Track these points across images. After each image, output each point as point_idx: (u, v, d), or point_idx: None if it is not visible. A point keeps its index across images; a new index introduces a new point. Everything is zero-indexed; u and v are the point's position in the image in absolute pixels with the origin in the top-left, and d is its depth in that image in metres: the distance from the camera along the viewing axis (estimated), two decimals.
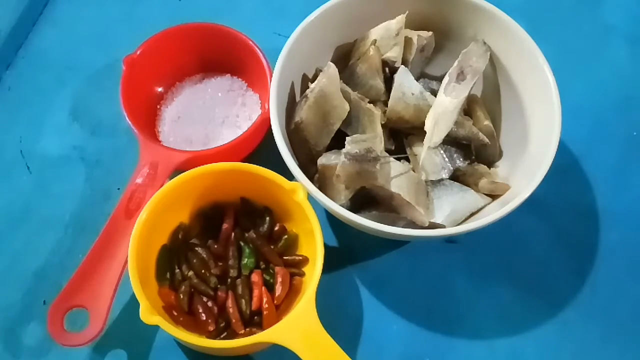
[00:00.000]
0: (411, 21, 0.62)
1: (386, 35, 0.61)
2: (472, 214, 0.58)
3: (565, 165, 0.65)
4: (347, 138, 0.56)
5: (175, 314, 0.55)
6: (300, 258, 0.58)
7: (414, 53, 0.62)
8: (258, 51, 0.64)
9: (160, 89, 0.68)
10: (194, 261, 0.57)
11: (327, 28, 0.61)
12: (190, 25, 0.66)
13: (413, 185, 0.56)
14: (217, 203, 0.60)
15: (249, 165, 0.57)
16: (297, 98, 0.61)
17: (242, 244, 0.58)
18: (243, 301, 0.56)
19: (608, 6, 0.77)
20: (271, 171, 0.56)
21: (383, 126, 0.59)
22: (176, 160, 0.59)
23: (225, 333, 0.55)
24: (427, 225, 0.56)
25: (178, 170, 0.58)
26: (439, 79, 0.62)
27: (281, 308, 0.56)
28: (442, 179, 0.58)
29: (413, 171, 0.58)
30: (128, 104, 0.61)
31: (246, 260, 0.57)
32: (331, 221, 0.63)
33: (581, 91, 0.70)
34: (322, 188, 0.56)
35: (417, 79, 0.62)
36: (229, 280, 0.57)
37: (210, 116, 0.66)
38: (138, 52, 0.63)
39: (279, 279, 0.56)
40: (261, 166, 0.57)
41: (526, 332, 0.59)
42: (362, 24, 0.62)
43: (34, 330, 0.58)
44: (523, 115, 0.60)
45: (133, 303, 0.54)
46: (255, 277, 0.57)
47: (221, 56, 0.67)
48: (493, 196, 0.59)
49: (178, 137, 0.65)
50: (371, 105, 0.60)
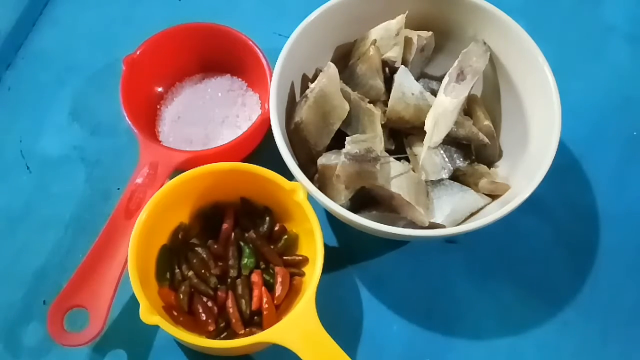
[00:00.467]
0: (411, 21, 0.62)
1: (386, 35, 0.61)
2: (472, 214, 0.58)
3: (565, 165, 0.65)
4: (347, 138, 0.56)
5: (175, 314, 0.55)
6: (300, 258, 0.58)
7: (414, 53, 0.62)
8: (258, 51, 0.64)
9: (160, 89, 0.68)
10: (194, 261, 0.57)
11: (327, 28, 0.61)
12: (190, 25, 0.66)
13: (413, 185, 0.56)
14: (217, 203, 0.60)
15: (249, 165, 0.57)
16: (297, 98, 0.61)
17: (242, 244, 0.58)
18: (243, 301, 0.56)
19: (608, 6, 0.77)
20: (271, 171, 0.56)
21: (383, 126, 0.59)
22: (176, 160, 0.59)
23: (225, 333, 0.55)
24: (427, 225, 0.56)
25: (178, 170, 0.58)
26: (439, 79, 0.62)
27: (281, 308, 0.56)
28: (442, 179, 0.58)
29: (413, 171, 0.58)
30: (128, 104, 0.61)
31: (246, 260, 0.57)
32: (331, 221, 0.63)
33: (581, 91, 0.70)
34: (322, 188, 0.56)
35: (417, 79, 0.62)
36: (229, 280, 0.57)
37: (210, 116, 0.66)
38: (138, 52, 0.63)
39: (279, 279, 0.56)
40: (261, 166, 0.57)
41: (526, 332, 0.59)
42: (362, 24, 0.62)
43: (34, 330, 0.57)
44: (523, 115, 0.60)
45: (133, 303, 0.54)
46: (255, 277, 0.57)
47: (221, 56, 0.67)
48: (493, 196, 0.59)
49: (178, 137, 0.65)
50: (371, 105, 0.60)
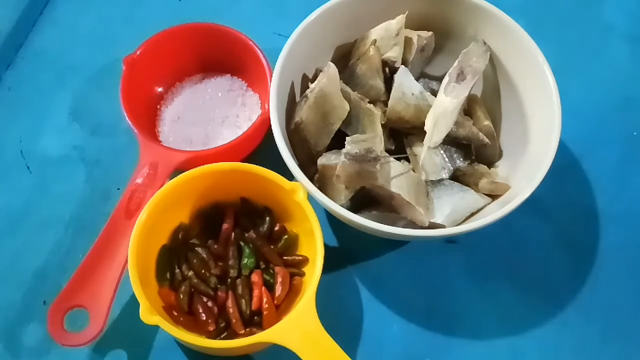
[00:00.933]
0: (411, 21, 0.62)
1: (386, 35, 0.61)
2: (472, 214, 0.58)
3: (565, 165, 0.65)
4: (347, 138, 0.56)
5: (175, 314, 0.55)
6: (300, 258, 0.58)
7: (414, 53, 0.62)
8: (258, 51, 0.64)
9: (160, 89, 0.68)
10: (194, 261, 0.57)
11: (327, 28, 0.61)
12: (190, 25, 0.66)
13: (413, 185, 0.56)
14: (217, 203, 0.60)
15: (249, 165, 0.57)
16: (297, 98, 0.61)
17: (242, 244, 0.58)
18: (243, 301, 0.56)
19: (608, 6, 0.76)
20: (271, 171, 0.56)
21: (383, 126, 0.59)
22: (176, 160, 0.59)
23: (225, 333, 0.55)
24: (427, 225, 0.56)
25: (178, 170, 0.58)
26: (439, 79, 0.62)
27: (281, 308, 0.56)
28: (442, 179, 0.58)
29: (413, 171, 0.58)
30: (128, 104, 0.61)
31: (246, 260, 0.57)
32: (331, 221, 0.62)
33: (581, 91, 0.70)
34: (322, 188, 0.56)
35: (417, 79, 0.62)
36: (229, 280, 0.57)
37: (210, 116, 0.66)
38: (138, 52, 0.63)
39: (279, 279, 0.56)
40: (261, 166, 0.57)
41: (526, 332, 0.59)
42: (362, 24, 0.62)
43: (34, 330, 0.57)
44: (523, 115, 0.60)
45: (133, 303, 0.54)
46: (255, 277, 0.57)
47: (221, 56, 0.67)
48: (493, 196, 0.59)
49: (178, 137, 0.65)
50: (371, 105, 0.60)
